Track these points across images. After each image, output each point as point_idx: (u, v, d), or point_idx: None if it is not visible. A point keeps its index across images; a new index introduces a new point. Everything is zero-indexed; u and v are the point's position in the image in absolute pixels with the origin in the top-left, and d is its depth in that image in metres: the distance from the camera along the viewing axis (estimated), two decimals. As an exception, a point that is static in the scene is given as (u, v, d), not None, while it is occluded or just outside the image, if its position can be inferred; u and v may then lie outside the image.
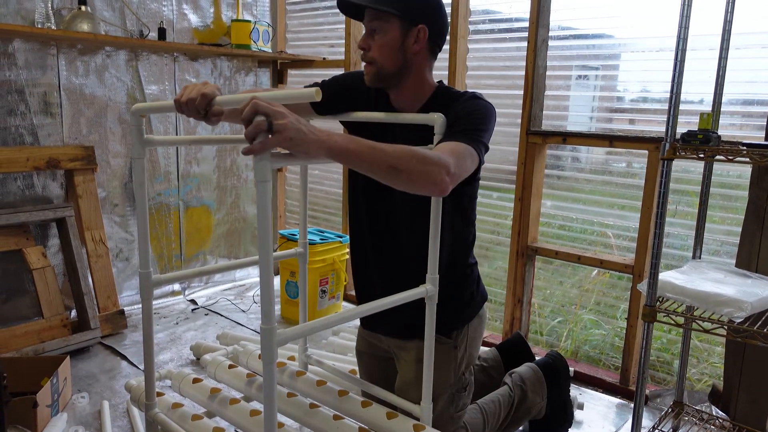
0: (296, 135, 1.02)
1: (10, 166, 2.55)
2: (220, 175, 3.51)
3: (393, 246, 1.60)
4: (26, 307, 2.64)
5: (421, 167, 1.17)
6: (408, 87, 1.50)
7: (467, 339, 1.64)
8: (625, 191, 2.49)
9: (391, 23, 1.41)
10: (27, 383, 2.04)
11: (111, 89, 2.95)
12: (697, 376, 2.52)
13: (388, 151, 1.14)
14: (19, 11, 2.59)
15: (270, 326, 1.03)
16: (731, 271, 1.90)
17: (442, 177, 1.19)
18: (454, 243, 1.59)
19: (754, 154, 1.59)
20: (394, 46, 1.43)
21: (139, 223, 1.41)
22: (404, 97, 1.52)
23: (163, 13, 3.11)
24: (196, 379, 1.70)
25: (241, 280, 3.69)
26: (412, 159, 1.16)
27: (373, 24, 1.44)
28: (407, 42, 1.44)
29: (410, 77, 1.48)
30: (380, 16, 1.42)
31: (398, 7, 1.40)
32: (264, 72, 3.66)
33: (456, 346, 1.62)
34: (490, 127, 1.43)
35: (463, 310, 1.64)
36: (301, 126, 1.03)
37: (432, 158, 1.19)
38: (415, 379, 1.57)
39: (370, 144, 1.13)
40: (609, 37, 2.48)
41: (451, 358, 1.62)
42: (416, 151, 1.18)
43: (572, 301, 2.82)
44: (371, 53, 1.45)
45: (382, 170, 1.14)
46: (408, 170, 1.15)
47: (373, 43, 1.44)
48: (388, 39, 1.42)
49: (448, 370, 1.61)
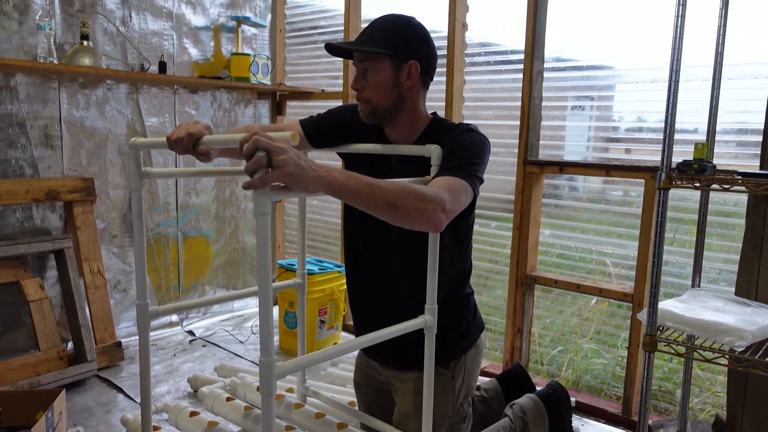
0: (295, 170, 1.03)
1: (9, 198, 2.56)
2: (219, 206, 3.52)
3: (388, 276, 1.60)
4: (22, 340, 2.61)
5: (417, 204, 1.18)
6: (403, 120, 1.52)
7: (465, 369, 1.62)
8: (622, 220, 2.50)
9: (383, 63, 1.44)
10: (22, 417, 2.02)
11: (111, 122, 2.98)
12: (700, 406, 2.49)
13: (385, 188, 1.16)
14: (22, 46, 2.63)
15: (269, 359, 1.03)
16: (731, 300, 1.90)
17: (437, 214, 1.21)
18: (451, 273, 1.59)
19: (750, 183, 1.61)
20: (387, 84, 1.45)
21: (137, 254, 1.41)
22: (399, 131, 1.54)
23: (163, 47, 3.16)
24: (193, 412, 1.69)
25: (239, 311, 3.67)
26: (409, 196, 1.18)
27: (364, 65, 1.46)
28: (400, 78, 1.46)
29: (405, 111, 1.50)
30: (371, 57, 1.44)
31: (387, 46, 1.43)
32: (263, 104, 3.71)
33: (454, 376, 1.61)
34: (485, 159, 1.44)
35: (461, 340, 1.63)
36: (300, 161, 1.04)
37: (428, 195, 1.21)
38: (413, 411, 1.55)
39: (368, 181, 1.14)
40: (603, 68, 2.52)
41: (449, 389, 1.60)
42: (413, 189, 1.20)
43: (572, 330, 2.81)
44: (366, 93, 1.47)
45: (379, 207, 1.16)
46: (405, 207, 1.17)
47: (366, 84, 1.47)
48: (381, 78, 1.45)
49: (446, 402, 1.60)
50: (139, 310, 1.41)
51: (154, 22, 3.11)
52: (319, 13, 3.59)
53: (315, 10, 3.61)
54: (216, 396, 1.76)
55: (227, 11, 3.43)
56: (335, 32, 3.48)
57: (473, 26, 2.80)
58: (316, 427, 1.56)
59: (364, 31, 1.49)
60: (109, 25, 2.93)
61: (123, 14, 2.98)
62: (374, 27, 1.48)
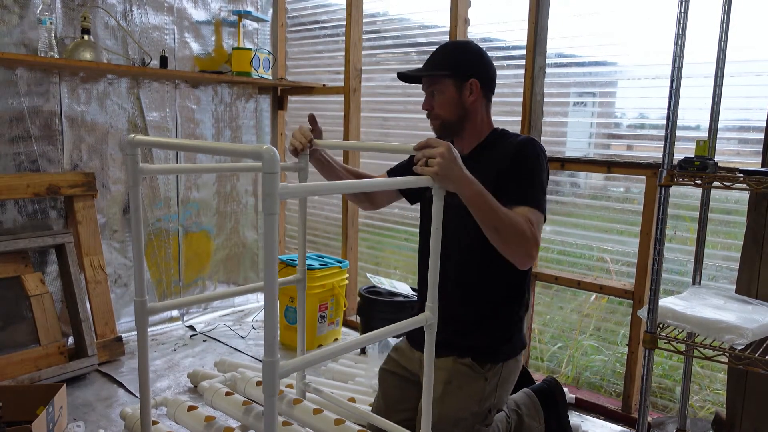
0: (441, 171, 1.29)
1: (10, 193, 2.56)
2: (219, 201, 3.52)
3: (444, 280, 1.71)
4: (23, 334, 2.62)
5: (515, 239, 1.44)
6: (468, 131, 1.70)
7: (500, 378, 1.66)
8: (623, 216, 2.49)
9: (446, 83, 1.63)
10: (22, 412, 2.02)
11: (112, 116, 2.98)
12: (700, 403, 2.49)
13: (499, 213, 1.41)
14: (23, 40, 2.63)
15: (273, 359, 1.02)
16: (731, 297, 1.89)
17: (532, 252, 1.47)
18: (512, 276, 1.68)
19: (751, 180, 1.60)
20: (452, 101, 1.64)
21: (135, 251, 1.41)
22: (465, 140, 1.72)
23: (165, 42, 3.15)
24: (192, 406, 1.69)
25: (240, 306, 3.67)
26: (512, 229, 1.43)
27: (430, 88, 1.66)
28: (463, 95, 1.64)
29: (470, 122, 1.69)
30: (435, 80, 1.64)
31: (449, 68, 1.62)
32: (264, 98, 3.70)
33: (486, 378, 1.64)
34: (546, 173, 1.63)
35: (502, 345, 1.68)
36: (452, 164, 1.30)
37: (527, 234, 1.44)
38: (440, 397, 1.60)
39: (489, 202, 1.40)
40: (606, 64, 2.51)
41: (478, 388, 1.63)
42: (518, 225, 1.44)
43: (572, 326, 2.81)
44: (435, 111, 1.67)
45: (485, 223, 1.42)
46: (504, 235, 1.43)
47: (434, 103, 1.66)
48: (446, 97, 1.64)
49: (472, 397, 1.63)
50: (137, 306, 1.41)
51: (156, 17, 3.10)
52: (320, 8, 3.58)
53: (316, 4, 3.60)
54: (216, 390, 1.76)
55: (228, 5, 3.41)
56: (337, 26, 3.47)
57: (475, 22, 2.79)
58: (315, 423, 1.56)
59: (428, 59, 1.69)
60: (110, 19, 2.92)
61: (124, 8, 2.98)
62: (436, 54, 1.68)
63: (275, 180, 0.99)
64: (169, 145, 1.88)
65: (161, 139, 1.55)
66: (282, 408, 1.66)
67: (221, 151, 1.21)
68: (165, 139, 1.29)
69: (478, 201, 1.39)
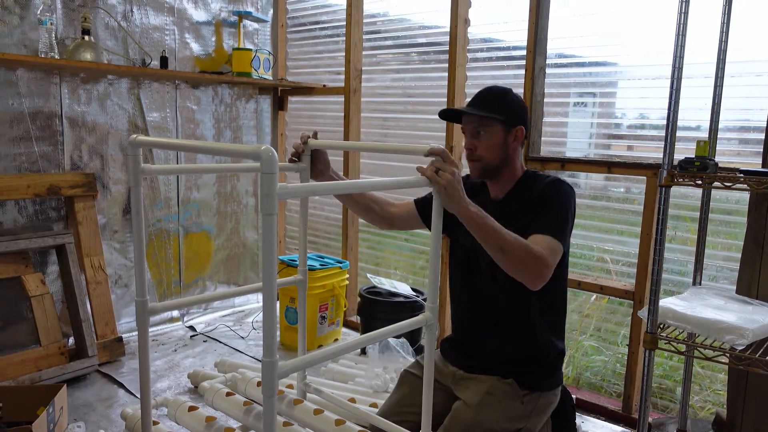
0: (448, 187, 1.33)
1: (11, 193, 2.56)
2: (220, 201, 3.52)
3: (470, 306, 1.78)
4: (24, 335, 2.62)
5: (524, 258, 1.44)
6: (505, 175, 1.72)
7: (536, 405, 1.67)
8: (624, 217, 2.49)
9: (496, 127, 1.66)
10: (23, 413, 2.02)
11: (113, 117, 2.98)
12: (700, 404, 2.49)
13: (503, 234, 1.42)
14: (23, 41, 2.63)
15: (272, 359, 1.02)
16: (732, 298, 1.89)
17: (543, 271, 1.47)
18: (557, 317, 1.76)
19: (751, 181, 1.60)
20: (499, 146, 1.67)
21: (136, 251, 1.41)
22: (500, 184, 1.74)
23: (165, 42, 3.16)
24: (192, 407, 1.69)
25: (240, 306, 3.67)
26: (520, 249, 1.43)
27: (477, 129, 1.68)
28: (509, 141, 1.68)
29: (507, 167, 1.71)
30: (487, 123, 1.66)
31: (503, 114, 1.66)
32: (265, 99, 3.70)
33: (523, 402, 1.65)
34: (571, 211, 1.64)
35: (545, 379, 1.71)
36: (457, 184, 1.35)
37: (535, 252, 1.44)
38: (479, 404, 1.62)
39: (492, 223, 1.42)
40: (606, 64, 2.51)
41: (514, 407, 1.64)
42: (525, 245, 1.44)
43: (573, 326, 2.80)
44: (478, 152, 1.68)
45: (491, 245, 1.42)
46: (511, 255, 1.43)
47: (479, 144, 1.67)
48: (495, 140, 1.66)
49: (506, 414, 1.63)
50: (138, 306, 1.41)
51: (156, 17, 3.11)
52: (321, 8, 3.58)
53: (317, 5, 3.60)
54: (216, 391, 1.76)
55: (229, 6, 3.42)
56: (337, 27, 3.47)
57: (475, 22, 2.79)
58: (315, 424, 1.56)
59: (474, 100, 1.72)
60: (110, 20, 2.92)
61: (124, 9, 2.98)
62: (483, 96, 1.71)
63: (274, 180, 0.98)
64: (170, 146, 1.89)
65: (163, 139, 1.56)
66: (282, 408, 1.65)
67: (221, 152, 1.21)
68: (166, 139, 1.29)
69: (479, 222, 1.40)
